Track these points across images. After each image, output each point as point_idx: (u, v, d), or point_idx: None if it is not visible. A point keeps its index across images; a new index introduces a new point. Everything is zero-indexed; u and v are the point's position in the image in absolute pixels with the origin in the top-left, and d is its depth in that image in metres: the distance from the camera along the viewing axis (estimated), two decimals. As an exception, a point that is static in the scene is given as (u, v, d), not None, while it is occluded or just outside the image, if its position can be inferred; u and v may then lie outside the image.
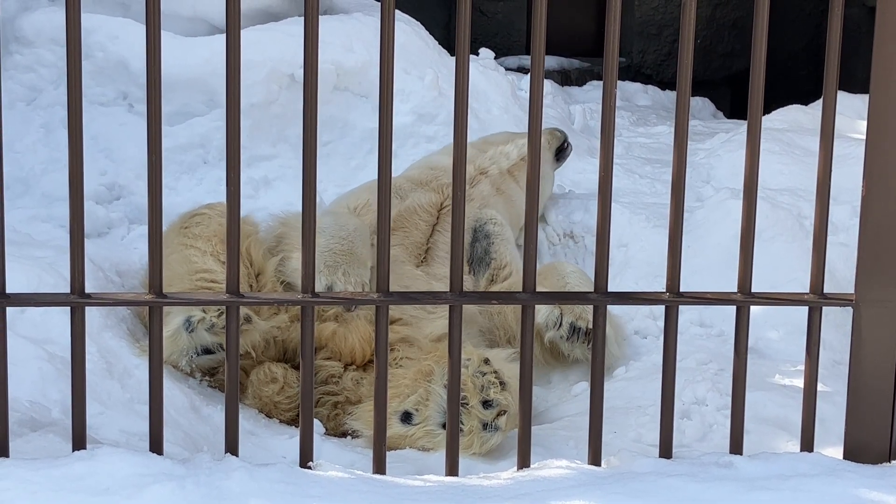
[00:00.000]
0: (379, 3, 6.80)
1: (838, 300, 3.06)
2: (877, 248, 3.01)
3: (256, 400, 3.99)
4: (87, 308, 2.81)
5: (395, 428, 3.61)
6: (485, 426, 3.51)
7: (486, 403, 3.50)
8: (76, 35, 2.67)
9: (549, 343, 4.35)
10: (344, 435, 3.95)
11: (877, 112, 2.92)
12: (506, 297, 3.04)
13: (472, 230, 4.89)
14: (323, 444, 3.74)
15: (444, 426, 3.24)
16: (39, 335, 3.74)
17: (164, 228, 2.82)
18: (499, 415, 3.51)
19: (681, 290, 2.98)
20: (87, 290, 2.85)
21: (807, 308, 3.12)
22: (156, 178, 2.73)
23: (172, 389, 3.73)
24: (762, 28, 2.90)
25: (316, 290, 3.47)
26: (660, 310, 4.79)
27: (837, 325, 4.49)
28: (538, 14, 2.79)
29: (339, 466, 2.87)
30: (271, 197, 5.68)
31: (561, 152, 5.77)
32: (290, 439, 3.75)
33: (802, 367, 4.33)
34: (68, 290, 3.73)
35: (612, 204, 2.96)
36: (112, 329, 3.99)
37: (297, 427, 3.87)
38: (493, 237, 4.85)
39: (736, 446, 3.04)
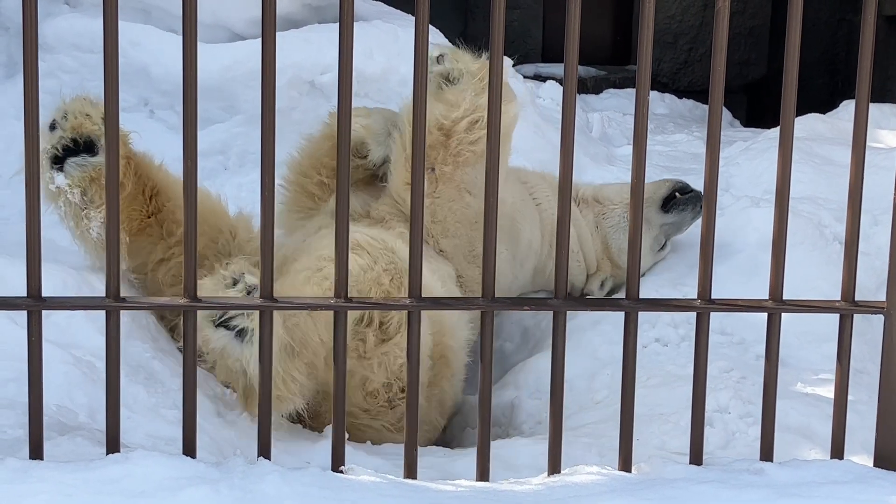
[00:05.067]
0: (398, 11, 6.88)
1: (869, 308, 3.06)
2: (907, 256, 3.01)
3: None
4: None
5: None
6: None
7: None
8: (113, 44, 2.69)
9: None
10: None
11: (909, 120, 2.92)
12: (537, 304, 3.04)
13: None
14: (347, 449, 3.75)
15: None
16: (65, 339, 3.75)
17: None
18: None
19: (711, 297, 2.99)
20: (111, 295, 2.84)
21: (829, 316, 3.11)
22: (191, 183, 2.74)
23: (199, 395, 3.73)
24: (795, 38, 2.90)
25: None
26: (681, 318, 4.79)
27: (859, 333, 4.49)
28: (571, 31, 2.80)
29: (370, 471, 2.88)
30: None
31: (670, 203, 5.18)
32: (313, 444, 3.75)
33: (824, 376, 4.36)
34: (92, 294, 3.77)
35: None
36: (137, 334, 4.00)
37: (317, 432, 3.90)
38: None
39: (766, 453, 3.04)
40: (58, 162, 3.90)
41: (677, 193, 5.18)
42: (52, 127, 3.90)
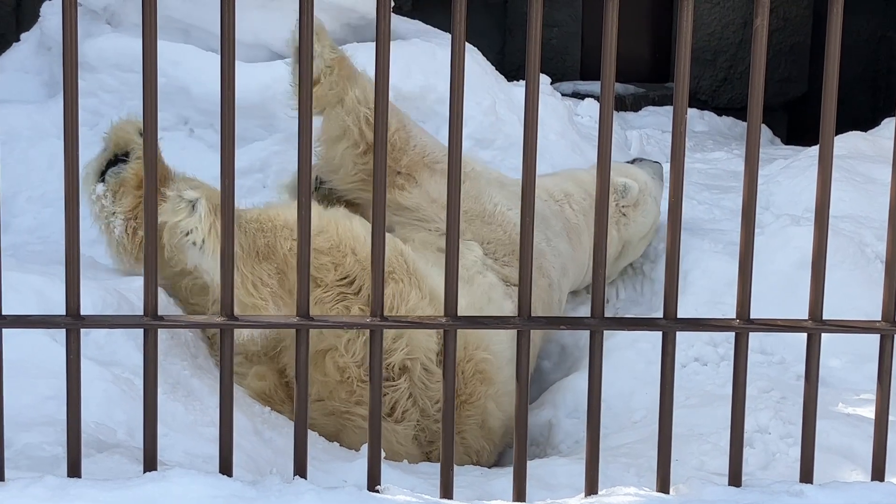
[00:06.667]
0: (436, 29, 6.90)
1: (911, 328, 3.02)
2: (950, 275, 2.97)
3: None
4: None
5: None
6: None
7: None
8: (152, 64, 2.71)
9: None
10: None
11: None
12: (573, 322, 3.03)
13: None
14: (383, 468, 3.74)
15: None
16: (104, 357, 3.77)
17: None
18: None
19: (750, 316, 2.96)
20: (150, 313, 2.86)
21: (871, 336, 3.07)
22: (228, 203, 2.75)
23: (236, 413, 3.73)
24: (834, 55, 2.88)
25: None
26: (720, 337, 4.76)
27: (899, 353, 4.45)
28: (608, 48, 2.79)
29: (406, 490, 2.88)
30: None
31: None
32: (349, 463, 3.75)
33: (865, 396, 4.31)
34: (131, 312, 3.80)
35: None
36: (176, 351, 4.02)
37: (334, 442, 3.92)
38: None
39: (806, 475, 3.00)
40: (101, 176, 4.34)
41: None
42: (105, 149, 4.37)
